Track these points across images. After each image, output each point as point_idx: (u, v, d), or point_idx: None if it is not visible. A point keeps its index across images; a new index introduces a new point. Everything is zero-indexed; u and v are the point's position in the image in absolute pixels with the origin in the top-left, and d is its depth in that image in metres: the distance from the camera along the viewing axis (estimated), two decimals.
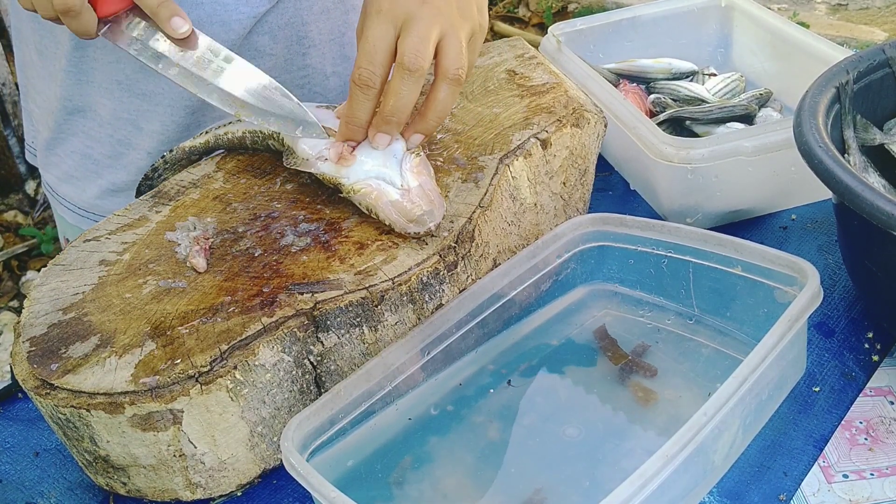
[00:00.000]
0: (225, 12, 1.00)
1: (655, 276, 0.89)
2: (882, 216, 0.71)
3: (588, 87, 1.10)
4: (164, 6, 0.81)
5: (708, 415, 0.67)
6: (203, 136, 0.98)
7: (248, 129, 0.94)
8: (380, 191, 0.83)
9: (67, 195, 1.16)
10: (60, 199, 1.17)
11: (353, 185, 0.84)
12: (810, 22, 3.42)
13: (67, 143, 1.12)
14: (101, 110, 1.07)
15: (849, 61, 0.91)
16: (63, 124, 1.10)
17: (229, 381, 0.72)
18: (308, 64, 1.10)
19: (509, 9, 3.90)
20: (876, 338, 0.88)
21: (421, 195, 0.82)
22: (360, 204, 0.84)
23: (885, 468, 0.77)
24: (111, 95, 1.05)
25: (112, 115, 1.07)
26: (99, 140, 1.10)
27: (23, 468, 0.83)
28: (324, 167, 0.86)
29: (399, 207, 0.81)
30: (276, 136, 0.91)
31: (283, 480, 0.79)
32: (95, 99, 1.06)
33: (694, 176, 0.98)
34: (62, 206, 1.18)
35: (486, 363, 0.85)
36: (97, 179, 1.11)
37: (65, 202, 1.16)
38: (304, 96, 1.12)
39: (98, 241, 0.87)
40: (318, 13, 1.08)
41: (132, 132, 1.08)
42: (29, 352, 0.76)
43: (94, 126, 1.09)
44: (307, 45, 1.09)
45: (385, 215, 0.82)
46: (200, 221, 0.87)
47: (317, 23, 1.08)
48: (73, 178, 1.14)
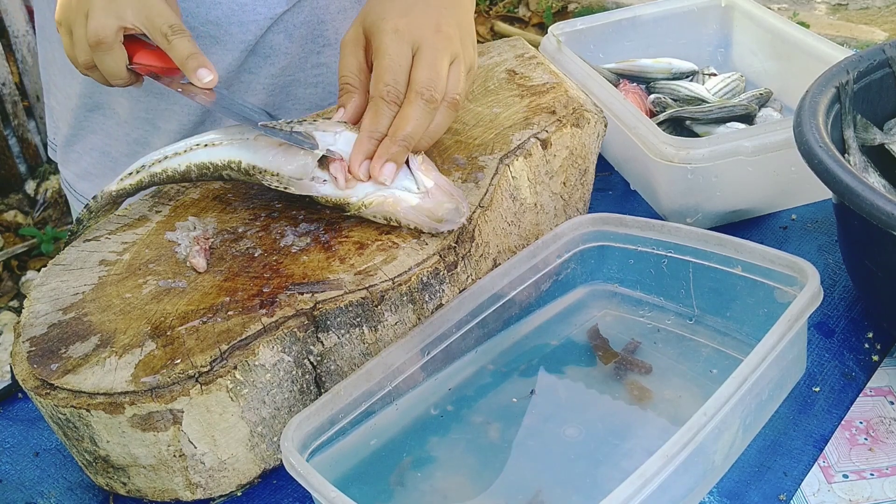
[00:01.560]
0: (242, 13, 1.01)
1: (655, 276, 0.89)
2: (882, 216, 0.71)
3: (588, 87, 1.10)
4: (193, 59, 0.84)
5: (708, 415, 0.67)
6: (132, 176, 0.89)
7: (195, 161, 0.87)
8: (396, 198, 0.81)
9: (85, 192, 1.16)
10: (78, 195, 1.18)
11: (362, 201, 0.82)
12: (810, 22, 3.42)
13: (86, 140, 1.13)
14: (120, 109, 1.08)
15: (849, 61, 0.91)
16: (83, 121, 1.11)
17: (229, 381, 0.72)
18: (322, 62, 1.10)
19: (509, 9, 3.90)
20: (876, 338, 0.88)
21: (441, 193, 0.81)
22: (374, 217, 0.83)
23: (885, 468, 0.76)
24: (129, 94, 1.06)
25: (129, 113, 1.08)
26: (117, 138, 1.11)
27: (23, 468, 0.83)
28: (325, 189, 0.83)
29: (424, 210, 0.81)
30: (237, 164, 0.85)
31: (283, 480, 0.79)
32: (114, 97, 1.07)
33: (694, 176, 0.98)
34: (80, 204, 1.18)
35: (486, 363, 0.85)
36: (114, 177, 1.11)
37: (83, 199, 1.17)
38: (318, 94, 1.12)
39: (98, 241, 0.87)
40: (336, 13, 1.09)
41: (149, 131, 1.09)
42: (29, 352, 0.76)
43: (112, 124, 1.10)
44: (322, 44, 1.09)
45: (409, 221, 0.81)
46: (200, 221, 0.87)
47: (333, 22, 1.09)
48: (91, 174, 1.15)
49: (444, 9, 0.86)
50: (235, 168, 0.85)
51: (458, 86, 0.84)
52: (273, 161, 0.84)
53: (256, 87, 1.08)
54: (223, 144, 0.86)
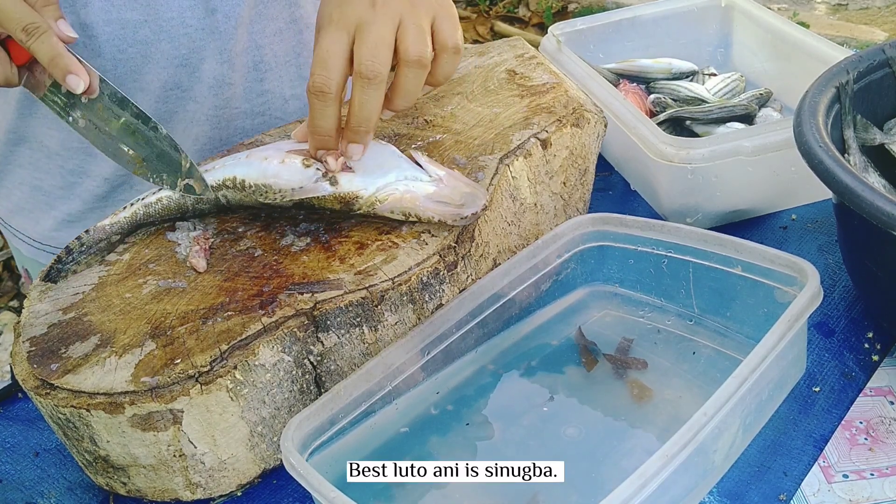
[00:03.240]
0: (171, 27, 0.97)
1: (655, 276, 0.89)
2: (882, 216, 0.71)
3: (588, 87, 1.10)
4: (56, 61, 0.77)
5: (708, 415, 0.67)
6: (126, 209, 0.86)
7: None
8: (410, 190, 0.81)
9: (21, 227, 1.12)
10: (14, 230, 1.14)
11: (375, 196, 0.81)
12: (810, 22, 3.42)
13: (14, 174, 1.08)
14: (49, 141, 1.04)
15: (849, 61, 0.91)
16: (8, 156, 1.07)
17: (229, 381, 0.72)
18: (266, 90, 1.07)
19: (509, 9, 3.90)
20: (876, 338, 0.88)
21: (454, 179, 0.81)
22: (391, 213, 0.82)
23: (885, 468, 0.76)
24: (59, 126, 1.01)
25: (61, 145, 1.03)
26: (48, 171, 1.06)
27: (23, 468, 0.83)
28: (331, 187, 0.82)
29: (441, 196, 0.80)
30: (233, 181, 0.84)
31: (283, 480, 0.79)
32: (41, 130, 1.03)
33: (694, 176, 0.98)
34: (16, 239, 1.14)
35: (486, 363, 0.85)
36: (50, 211, 1.08)
37: (19, 234, 1.13)
38: (265, 123, 1.08)
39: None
40: (272, 35, 1.05)
41: (84, 160, 1.04)
42: (29, 352, 0.76)
43: (41, 157, 1.05)
44: (263, 70, 1.06)
45: (429, 212, 0.80)
46: (200, 221, 0.87)
47: (271, 45, 1.06)
48: (24, 209, 1.10)
49: None
50: (231, 185, 0.84)
51: (417, 44, 0.79)
52: (273, 177, 0.83)
53: (201, 117, 1.04)
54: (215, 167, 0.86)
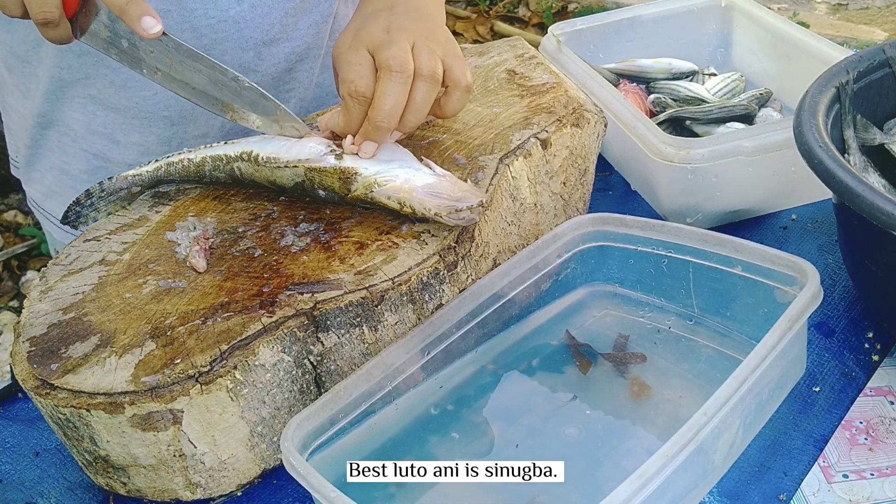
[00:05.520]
0: (194, 18, 0.99)
1: (655, 276, 0.89)
2: (882, 216, 0.71)
3: (588, 87, 1.10)
4: (133, 4, 0.77)
5: (708, 415, 0.67)
6: (150, 164, 0.92)
7: (210, 154, 0.90)
8: (409, 179, 0.81)
9: (53, 210, 1.14)
10: (46, 214, 1.16)
11: (375, 177, 0.82)
12: (810, 22, 3.42)
13: (45, 158, 1.11)
14: (75, 125, 1.06)
15: (849, 61, 0.91)
16: (39, 140, 1.09)
17: (229, 381, 0.72)
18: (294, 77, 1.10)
19: (509, 9, 3.90)
20: (876, 338, 0.88)
21: (455, 178, 0.82)
22: (388, 199, 0.82)
23: (885, 468, 0.76)
24: (84, 110, 1.04)
25: (86, 129, 1.06)
26: (74, 155, 1.08)
27: (23, 468, 0.83)
28: (335, 161, 0.84)
29: (440, 188, 0.80)
30: (248, 154, 0.88)
31: (283, 480, 0.79)
32: (68, 114, 1.05)
33: (694, 176, 0.98)
34: (48, 222, 1.16)
35: (486, 363, 0.85)
36: (76, 195, 1.09)
37: (51, 217, 1.15)
38: None
39: (98, 241, 0.87)
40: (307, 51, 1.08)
41: (108, 146, 1.06)
42: (29, 352, 0.76)
43: (68, 141, 1.07)
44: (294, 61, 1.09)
45: (424, 202, 0.80)
46: (200, 221, 0.87)
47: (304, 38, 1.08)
48: (55, 193, 1.12)
49: (394, 16, 0.88)
50: (247, 158, 0.88)
51: (430, 61, 0.83)
52: (282, 149, 0.87)
53: None
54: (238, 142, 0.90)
